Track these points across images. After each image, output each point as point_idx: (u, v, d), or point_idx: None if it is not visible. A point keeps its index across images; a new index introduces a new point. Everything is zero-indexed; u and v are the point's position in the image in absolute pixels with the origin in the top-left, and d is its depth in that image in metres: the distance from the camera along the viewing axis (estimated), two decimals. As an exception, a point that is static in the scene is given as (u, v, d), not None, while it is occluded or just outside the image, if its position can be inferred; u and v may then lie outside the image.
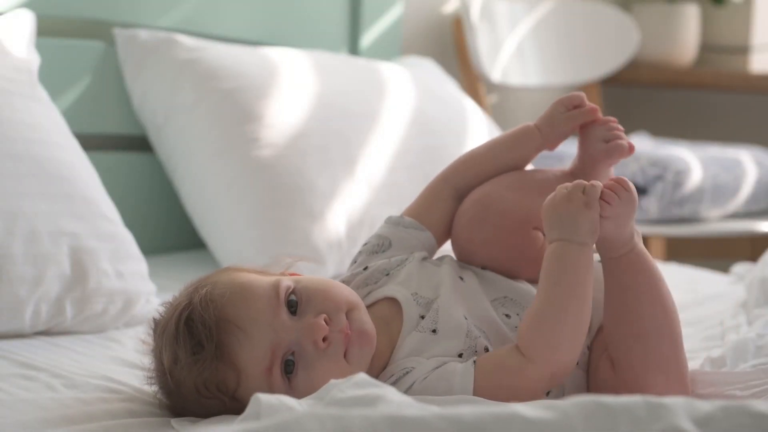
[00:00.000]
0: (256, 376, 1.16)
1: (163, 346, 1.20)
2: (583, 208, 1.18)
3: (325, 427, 0.84)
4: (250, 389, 1.14)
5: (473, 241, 1.34)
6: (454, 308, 1.25)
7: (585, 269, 1.19)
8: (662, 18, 3.35)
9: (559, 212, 1.19)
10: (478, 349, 1.22)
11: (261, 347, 1.16)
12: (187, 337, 1.17)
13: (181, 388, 1.19)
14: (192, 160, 2.01)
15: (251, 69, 2.08)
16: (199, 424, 1.17)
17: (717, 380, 1.30)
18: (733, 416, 0.85)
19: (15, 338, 1.53)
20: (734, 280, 2.07)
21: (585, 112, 1.36)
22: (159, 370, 1.21)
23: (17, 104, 1.65)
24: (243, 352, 1.16)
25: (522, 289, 1.30)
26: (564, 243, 1.19)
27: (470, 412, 0.86)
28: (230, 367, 1.16)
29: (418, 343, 1.22)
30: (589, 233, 1.19)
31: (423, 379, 1.19)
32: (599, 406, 0.86)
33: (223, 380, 1.17)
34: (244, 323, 1.17)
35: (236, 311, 1.17)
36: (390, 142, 2.15)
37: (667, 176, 2.66)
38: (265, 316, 1.18)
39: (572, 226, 1.18)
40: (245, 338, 1.16)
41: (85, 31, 2.08)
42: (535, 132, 1.38)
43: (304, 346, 1.18)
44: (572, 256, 1.18)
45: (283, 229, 1.94)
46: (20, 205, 1.55)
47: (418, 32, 2.88)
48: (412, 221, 1.37)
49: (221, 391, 1.17)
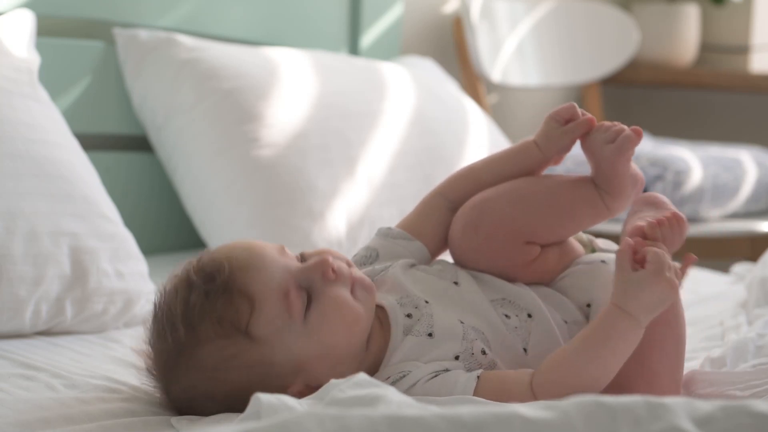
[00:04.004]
0: (273, 299, 1.17)
1: (173, 299, 1.19)
2: (672, 299, 1.18)
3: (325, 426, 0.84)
4: (266, 316, 1.16)
5: (465, 247, 1.32)
6: (448, 312, 1.24)
7: (632, 348, 1.19)
8: (662, 18, 3.34)
9: (660, 297, 1.17)
10: (474, 351, 1.21)
11: (274, 273, 1.18)
12: (198, 274, 1.18)
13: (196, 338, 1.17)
14: (192, 160, 2.01)
15: (251, 69, 2.08)
16: (198, 423, 1.17)
17: (717, 380, 1.31)
18: (733, 416, 0.85)
19: (15, 338, 1.53)
20: (734, 280, 2.07)
21: (581, 124, 1.31)
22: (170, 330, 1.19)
23: (17, 104, 1.65)
24: (256, 282, 1.17)
25: (519, 291, 1.29)
26: (633, 320, 1.17)
27: (470, 412, 0.86)
28: (243, 297, 1.16)
29: (414, 346, 1.21)
30: (652, 317, 1.18)
31: (424, 383, 1.18)
32: (599, 406, 0.86)
33: (236, 311, 1.16)
34: (255, 261, 1.18)
35: (242, 253, 1.19)
36: (390, 142, 2.15)
37: (667, 176, 2.66)
38: (274, 255, 1.20)
39: (654, 313, 1.18)
40: (258, 271, 1.18)
41: (85, 31, 2.08)
42: (534, 148, 1.33)
43: (315, 282, 1.19)
44: (631, 334, 1.18)
45: (283, 229, 1.94)
46: (20, 205, 1.55)
47: (418, 32, 2.88)
48: (401, 232, 1.35)
49: (236, 327, 1.16)
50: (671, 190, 2.67)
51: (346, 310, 1.19)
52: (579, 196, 1.32)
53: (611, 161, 1.30)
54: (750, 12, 3.48)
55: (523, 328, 1.25)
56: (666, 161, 2.69)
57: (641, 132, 1.30)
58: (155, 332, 1.21)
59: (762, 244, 2.94)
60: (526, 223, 1.30)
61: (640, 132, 1.30)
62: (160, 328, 1.20)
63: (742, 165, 2.86)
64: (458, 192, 1.35)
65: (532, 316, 1.26)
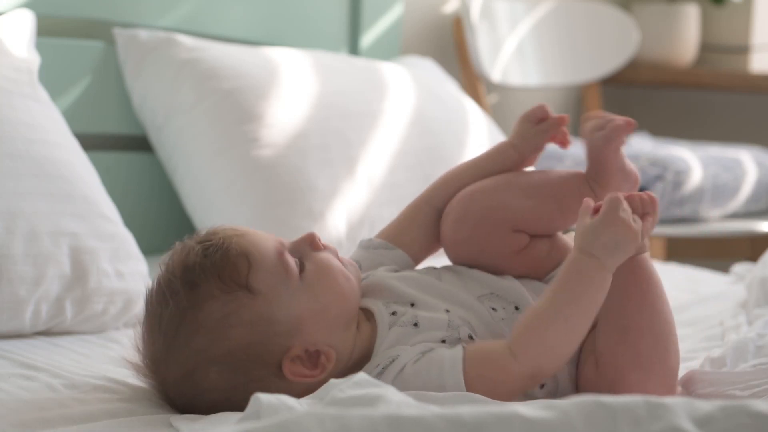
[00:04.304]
0: (269, 257, 1.21)
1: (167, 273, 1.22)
2: (633, 243, 1.19)
3: (325, 426, 0.84)
4: (264, 271, 1.20)
5: (456, 238, 1.35)
6: (433, 303, 1.27)
7: (602, 294, 1.20)
8: (662, 18, 3.34)
9: (615, 236, 1.19)
10: (461, 336, 1.23)
11: (268, 240, 1.23)
12: (195, 240, 1.24)
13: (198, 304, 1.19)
14: (192, 160, 2.01)
15: (251, 69, 2.08)
16: (198, 422, 1.17)
17: (717, 380, 1.31)
18: (733, 416, 0.86)
19: (15, 338, 1.53)
20: (734, 280, 2.07)
21: (553, 123, 1.37)
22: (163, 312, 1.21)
23: (17, 104, 1.65)
24: (250, 244, 1.22)
25: (507, 285, 1.31)
26: (596, 263, 1.19)
27: (470, 412, 0.86)
28: (239, 254, 1.20)
29: (399, 335, 1.24)
30: (619, 264, 1.20)
31: (413, 363, 1.20)
32: (599, 406, 0.86)
33: (235, 267, 1.20)
34: (246, 230, 1.24)
35: (237, 228, 1.25)
36: (390, 142, 2.15)
37: (667, 176, 2.66)
38: (265, 233, 1.26)
39: (615, 256, 1.19)
40: (249, 235, 1.23)
41: (85, 31, 2.08)
42: (511, 149, 1.39)
43: (305, 250, 1.25)
44: (597, 277, 1.19)
45: (283, 229, 1.94)
46: (20, 205, 1.55)
47: (418, 32, 2.88)
48: (380, 242, 1.39)
49: (235, 281, 1.19)
50: (671, 190, 2.67)
51: (337, 269, 1.24)
52: (568, 188, 1.35)
53: (599, 148, 1.34)
54: (750, 12, 3.48)
55: (510, 320, 1.27)
56: (666, 161, 2.69)
57: (633, 123, 1.33)
58: (152, 303, 1.24)
59: (762, 244, 2.94)
60: (513, 209, 1.33)
61: (632, 123, 1.33)
62: (160, 297, 1.22)
63: (742, 165, 2.86)
64: (443, 197, 1.38)
65: (519, 309, 1.28)
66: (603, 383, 1.24)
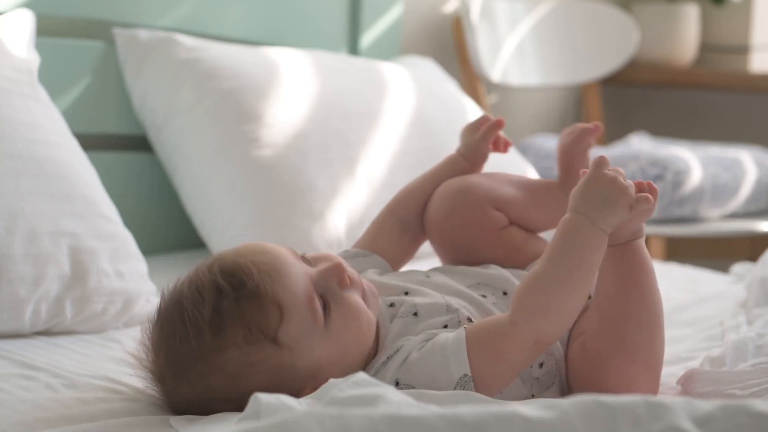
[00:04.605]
0: (301, 306, 1.18)
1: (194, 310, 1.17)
2: (626, 206, 1.19)
3: (325, 426, 0.84)
4: (294, 323, 1.17)
5: (438, 218, 1.43)
6: (427, 293, 1.30)
7: (598, 253, 1.19)
8: (662, 18, 3.34)
9: (601, 191, 1.19)
10: (461, 320, 1.25)
11: (298, 279, 1.20)
12: (227, 279, 1.18)
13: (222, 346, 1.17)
14: (192, 160, 2.01)
15: (251, 69, 2.08)
16: (197, 423, 1.17)
17: (717, 379, 1.31)
18: (733, 416, 0.86)
19: (15, 338, 1.53)
20: (734, 280, 2.07)
21: (492, 125, 1.49)
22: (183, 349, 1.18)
23: (17, 104, 1.66)
24: (283, 289, 1.18)
25: (495, 274, 1.36)
26: (587, 220, 1.19)
27: (470, 411, 0.86)
28: (273, 304, 1.17)
29: (402, 327, 1.25)
30: (613, 227, 1.20)
31: (418, 349, 1.21)
32: (599, 406, 0.86)
33: (267, 319, 1.17)
34: (276, 264, 1.20)
35: (264, 258, 1.20)
36: (390, 142, 2.15)
37: (667, 176, 2.66)
38: (293, 259, 1.22)
39: (604, 211, 1.19)
40: (283, 276, 1.19)
41: (85, 31, 2.08)
42: (459, 158, 1.49)
43: (330, 286, 1.21)
44: (589, 236, 1.19)
45: (283, 228, 1.94)
46: (20, 205, 1.55)
47: (418, 32, 2.88)
48: (357, 250, 1.44)
49: (264, 334, 1.17)
50: (671, 190, 2.67)
51: (363, 315, 1.22)
52: (543, 186, 1.48)
53: (568, 148, 1.47)
54: (750, 12, 3.48)
55: (500, 304, 1.30)
56: (666, 161, 2.69)
57: (600, 126, 1.47)
58: (172, 334, 1.19)
59: (762, 244, 2.95)
60: (494, 190, 1.42)
61: (598, 126, 1.47)
62: (183, 331, 1.18)
63: (742, 165, 2.86)
64: (406, 209, 1.47)
65: (508, 294, 1.32)
66: (588, 366, 1.25)
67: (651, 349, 1.25)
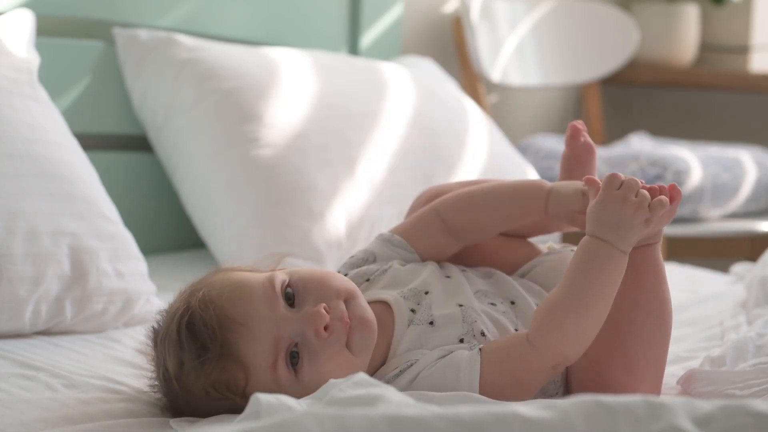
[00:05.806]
0: (263, 371, 1.16)
1: (166, 353, 1.19)
2: (641, 222, 1.18)
3: (325, 426, 0.84)
4: (259, 385, 1.15)
5: None
6: (445, 300, 1.27)
7: (617, 276, 1.19)
8: (662, 18, 3.34)
9: (613, 213, 1.18)
10: (475, 333, 1.23)
11: (265, 341, 1.16)
12: (190, 340, 1.17)
13: (190, 393, 1.18)
14: (192, 160, 2.01)
15: (251, 69, 2.08)
16: (197, 424, 1.17)
17: (717, 379, 1.31)
18: (733, 416, 0.85)
19: (15, 338, 1.53)
20: (734, 280, 2.07)
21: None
22: (164, 378, 1.20)
23: (17, 104, 1.65)
24: (248, 348, 1.16)
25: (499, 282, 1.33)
26: (605, 244, 1.18)
27: (470, 411, 0.86)
28: (237, 365, 1.16)
29: (417, 336, 1.24)
30: (633, 244, 1.19)
31: (430, 367, 1.20)
32: (599, 406, 0.86)
33: (232, 379, 1.17)
34: (245, 319, 1.17)
35: (235, 309, 1.17)
36: (390, 141, 2.15)
37: (667, 176, 2.66)
38: (264, 310, 1.18)
39: (620, 233, 1.18)
40: (248, 334, 1.16)
41: (85, 31, 2.08)
42: (543, 194, 1.31)
43: (307, 337, 1.18)
44: (609, 259, 1.18)
45: (282, 228, 1.94)
46: (20, 205, 1.55)
47: (418, 32, 2.88)
48: (402, 242, 1.37)
49: (231, 391, 1.17)
50: (671, 190, 2.67)
51: (339, 371, 1.17)
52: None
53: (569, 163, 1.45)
54: (750, 12, 3.48)
55: (509, 313, 1.29)
56: (666, 161, 2.69)
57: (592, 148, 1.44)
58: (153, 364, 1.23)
59: (762, 244, 2.94)
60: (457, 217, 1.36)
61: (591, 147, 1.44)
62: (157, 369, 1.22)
63: (742, 165, 2.86)
64: (455, 218, 1.35)
65: (515, 303, 1.30)
66: (591, 382, 1.24)
67: (654, 368, 1.25)
